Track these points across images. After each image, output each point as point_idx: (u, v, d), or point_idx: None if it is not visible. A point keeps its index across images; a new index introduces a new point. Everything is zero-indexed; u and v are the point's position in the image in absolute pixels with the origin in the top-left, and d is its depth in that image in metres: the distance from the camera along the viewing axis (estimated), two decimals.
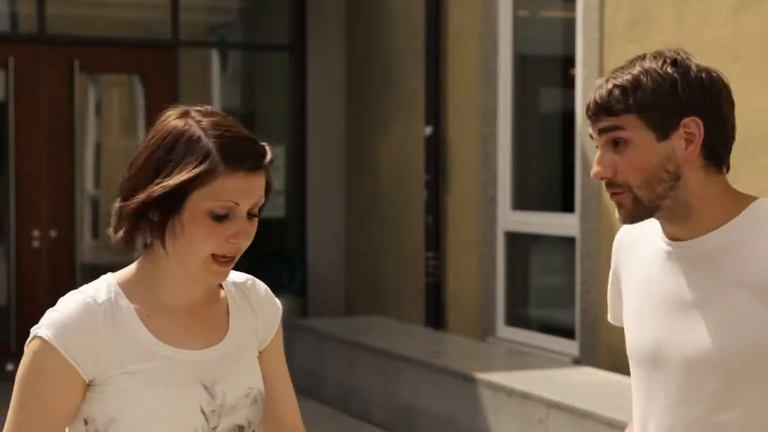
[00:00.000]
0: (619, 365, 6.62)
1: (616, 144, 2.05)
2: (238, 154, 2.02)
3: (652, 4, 6.47)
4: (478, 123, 8.05)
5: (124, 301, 2.05)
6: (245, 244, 2.05)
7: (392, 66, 9.25)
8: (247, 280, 2.25)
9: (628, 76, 2.05)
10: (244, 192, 2.02)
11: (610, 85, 2.06)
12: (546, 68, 8.30)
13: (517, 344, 7.58)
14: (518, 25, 7.89)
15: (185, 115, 2.05)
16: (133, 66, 9.75)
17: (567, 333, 7.26)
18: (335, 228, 10.01)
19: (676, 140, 2.02)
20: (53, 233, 9.24)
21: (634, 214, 2.06)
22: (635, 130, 2.02)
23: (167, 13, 9.67)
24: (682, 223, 2.06)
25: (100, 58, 9.57)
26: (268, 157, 2.08)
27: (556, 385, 6.14)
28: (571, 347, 7.12)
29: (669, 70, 2.04)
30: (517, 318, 7.85)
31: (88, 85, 9.84)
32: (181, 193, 1.98)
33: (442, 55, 8.48)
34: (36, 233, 9.23)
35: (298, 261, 10.06)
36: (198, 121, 2.03)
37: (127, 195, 2.03)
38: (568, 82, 7.40)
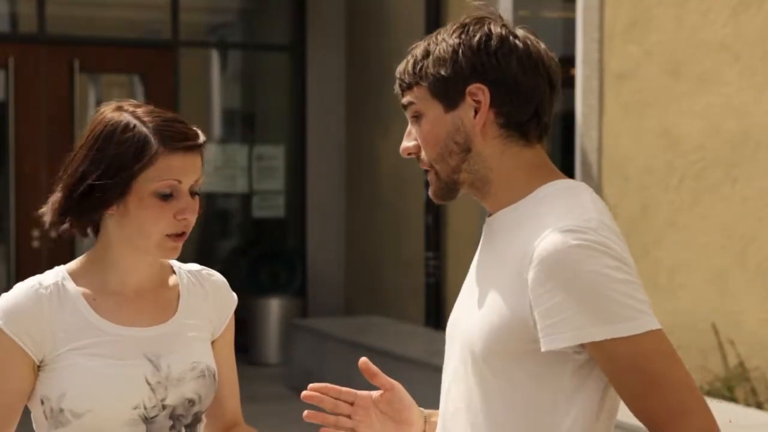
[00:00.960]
0: None
1: (416, 119, 1.94)
2: (175, 134, 2.13)
3: (652, 4, 6.47)
4: None
5: (71, 285, 2.17)
6: (192, 219, 2.15)
7: (392, 66, 9.22)
8: (203, 269, 2.34)
9: (421, 48, 1.95)
10: (185, 169, 2.13)
11: (408, 58, 1.96)
12: None
13: None
14: (518, 25, 7.89)
15: (119, 108, 2.16)
16: (133, 66, 9.76)
17: None
18: (335, 228, 10.01)
19: (465, 109, 1.87)
20: (53, 233, 9.24)
21: (438, 192, 1.94)
22: (426, 102, 1.90)
23: (167, 13, 9.67)
24: (485, 198, 1.93)
25: (100, 58, 9.57)
26: (201, 138, 2.19)
27: None
28: None
29: (454, 36, 1.93)
30: None
31: (88, 85, 9.84)
32: (124, 179, 2.09)
33: None
34: (36, 233, 9.23)
35: (298, 261, 10.06)
36: (132, 112, 2.14)
37: (68, 188, 2.18)
38: (568, 82, 7.40)
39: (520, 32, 1.93)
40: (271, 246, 10.41)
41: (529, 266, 1.77)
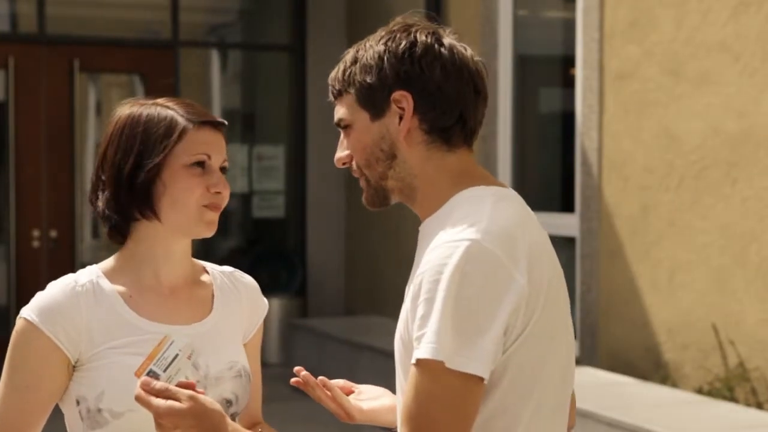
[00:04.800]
0: (619, 365, 6.63)
1: (346, 129, 1.97)
2: (199, 112, 2.18)
3: (652, 4, 6.47)
4: None
5: (106, 283, 2.15)
6: (226, 195, 2.16)
7: None
8: (235, 270, 2.33)
9: (350, 54, 1.97)
10: (213, 145, 2.16)
11: (339, 65, 1.99)
12: (546, 68, 8.30)
13: None
14: (518, 25, 7.90)
15: (136, 103, 2.20)
16: (133, 66, 9.75)
17: None
18: (335, 228, 10.01)
19: (390, 117, 1.90)
20: (53, 233, 9.24)
21: (370, 199, 1.97)
22: (354, 111, 1.94)
23: (167, 13, 9.67)
24: (414, 205, 1.95)
25: (100, 58, 9.57)
26: (222, 120, 2.21)
27: None
28: None
29: (381, 44, 1.93)
30: None
31: (88, 85, 9.84)
32: (158, 156, 2.12)
33: None
34: (36, 233, 9.23)
35: (298, 261, 10.06)
36: (152, 102, 2.20)
37: (114, 184, 2.14)
38: (568, 82, 7.40)
39: (446, 40, 1.93)
40: (271, 246, 10.41)
41: (417, 278, 1.82)
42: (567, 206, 7.35)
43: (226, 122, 2.20)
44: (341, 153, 1.97)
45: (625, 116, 6.69)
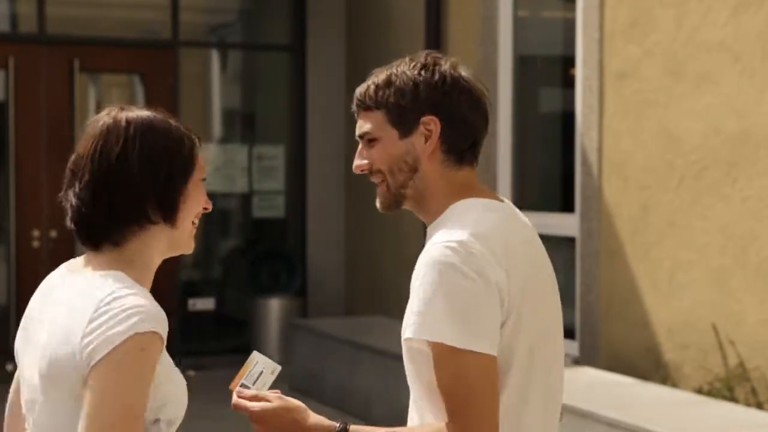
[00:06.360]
0: (619, 365, 6.62)
1: (370, 142, 2.28)
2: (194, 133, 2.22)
3: (652, 4, 6.47)
4: None
5: None
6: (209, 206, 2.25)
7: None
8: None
9: (383, 76, 2.26)
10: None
11: (369, 83, 2.27)
12: (546, 68, 8.30)
13: None
14: (518, 25, 7.89)
15: (124, 110, 2.15)
16: (133, 66, 9.75)
17: (567, 333, 7.26)
18: (335, 228, 10.01)
19: (417, 136, 2.23)
20: (53, 233, 9.24)
21: (386, 202, 2.31)
22: (383, 127, 2.25)
23: (167, 13, 9.67)
24: (421, 212, 2.30)
25: (100, 58, 9.57)
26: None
27: None
28: (571, 347, 7.12)
29: (416, 73, 2.23)
30: None
31: (88, 85, 9.84)
32: (192, 169, 2.16)
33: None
34: (36, 233, 9.23)
35: (298, 261, 10.06)
36: (150, 112, 2.17)
37: (122, 189, 2.08)
38: (568, 82, 7.40)
39: (464, 73, 2.27)
40: (271, 246, 10.41)
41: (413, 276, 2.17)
42: (567, 206, 7.35)
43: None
44: (361, 161, 2.30)
45: (625, 116, 6.69)
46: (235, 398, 2.22)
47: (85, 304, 1.99)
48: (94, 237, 2.10)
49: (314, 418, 2.22)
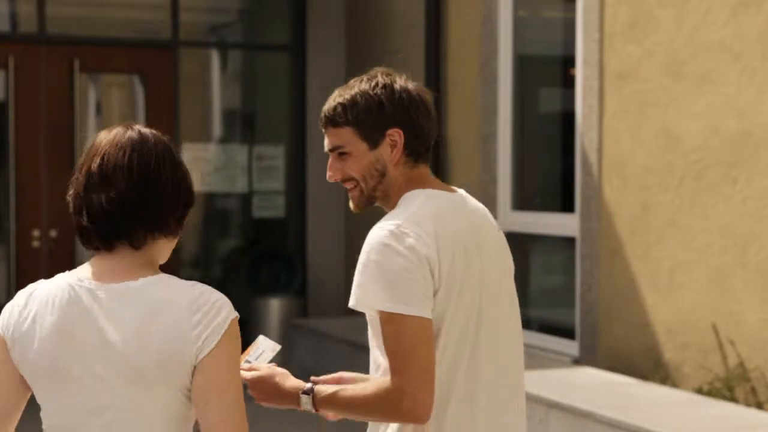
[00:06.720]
0: (619, 365, 6.62)
1: (341, 155, 2.65)
2: None
3: (652, 4, 6.47)
4: (478, 123, 8.05)
5: None
6: None
7: (392, 66, 9.23)
8: None
9: (348, 96, 2.63)
10: None
11: (334, 102, 2.65)
12: (546, 68, 8.30)
13: None
14: (518, 25, 7.89)
15: (144, 128, 2.36)
16: (133, 66, 9.75)
17: (567, 333, 7.26)
18: (335, 228, 10.01)
19: (384, 147, 2.61)
20: (53, 233, 9.24)
21: (360, 204, 2.72)
22: (353, 142, 2.62)
23: (167, 13, 9.67)
24: (387, 206, 2.69)
25: (100, 58, 9.57)
26: None
27: (556, 385, 6.14)
28: (571, 347, 7.12)
29: (378, 91, 2.61)
30: None
31: (88, 85, 9.84)
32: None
33: (442, 55, 8.49)
34: (36, 233, 9.23)
35: (298, 261, 10.06)
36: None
37: (162, 197, 2.29)
38: (568, 82, 7.40)
39: (412, 86, 2.65)
40: (271, 246, 10.41)
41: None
42: (567, 206, 7.34)
43: None
44: (334, 172, 2.69)
45: (625, 116, 6.69)
46: None
47: (177, 302, 2.20)
48: (114, 238, 2.25)
49: (292, 381, 2.66)
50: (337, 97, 2.64)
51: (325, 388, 2.62)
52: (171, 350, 2.16)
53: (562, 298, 7.46)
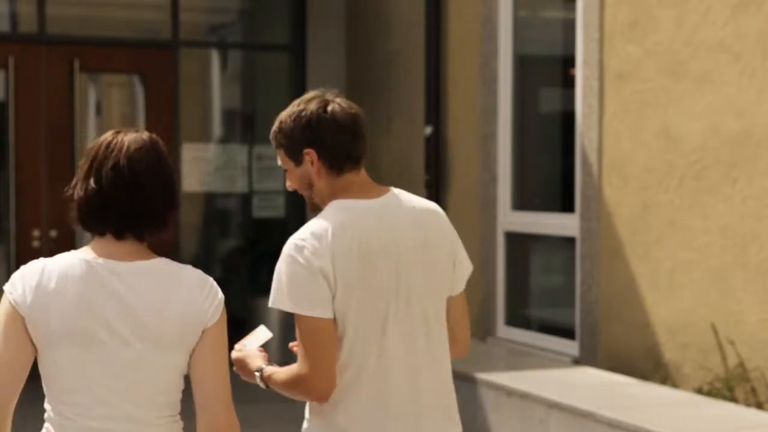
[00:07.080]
0: (619, 365, 6.62)
1: (285, 171, 3.08)
2: None
3: (652, 4, 6.47)
4: (478, 123, 8.05)
5: None
6: None
7: (392, 66, 9.25)
8: None
9: (278, 122, 3.07)
10: None
11: (273, 126, 3.08)
12: (546, 68, 8.30)
13: (517, 344, 7.58)
14: (518, 25, 7.89)
15: (146, 133, 2.75)
16: (133, 66, 9.75)
17: (567, 333, 7.26)
18: None
19: (305, 164, 3.02)
20: (53, 233, 9.24)
21: (311, 208, 3.10)
22: (286, 161, 3.06)
23: (167, 13, 9.67)
24: None
25: (100, 58, 9.56)
26: None
27: (556, 385, 6.14)
28: (571, 347, 7.12)
29: (291, 120, 3.03)
30: (517, 318, 7.85)
31: (88, 85, 9.84)
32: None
33: (442, 55, 8.49)
34: (36, 233, 9.23)
35: None
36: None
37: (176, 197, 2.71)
38: (568, 82, 7.40)
39: (331, 106, 3.04)
40: (271, 246, 10.39)
41: None
42: (567, 206, 7.34)
43: None
44: (288, 183, 3.10)
45: (625, 116, 6.69)
46: (233, 352, 3.11)
47: (188, 280, 2.68)
48: (125, 230, 2.60)
49: (256, 362, 3.15)
50: (275, 122, 3.08)
51: (269, 369, 3.08)
52: (187, 320, 2.59)
53: (562, 298, 7.46)
